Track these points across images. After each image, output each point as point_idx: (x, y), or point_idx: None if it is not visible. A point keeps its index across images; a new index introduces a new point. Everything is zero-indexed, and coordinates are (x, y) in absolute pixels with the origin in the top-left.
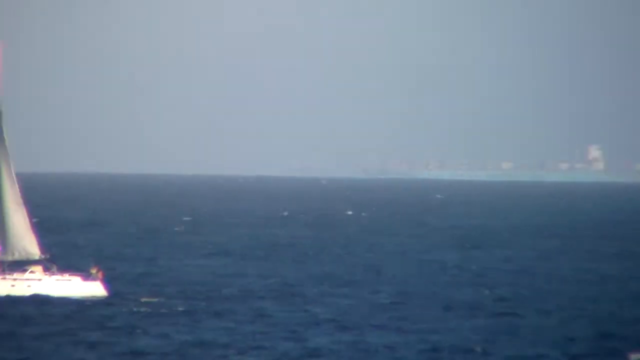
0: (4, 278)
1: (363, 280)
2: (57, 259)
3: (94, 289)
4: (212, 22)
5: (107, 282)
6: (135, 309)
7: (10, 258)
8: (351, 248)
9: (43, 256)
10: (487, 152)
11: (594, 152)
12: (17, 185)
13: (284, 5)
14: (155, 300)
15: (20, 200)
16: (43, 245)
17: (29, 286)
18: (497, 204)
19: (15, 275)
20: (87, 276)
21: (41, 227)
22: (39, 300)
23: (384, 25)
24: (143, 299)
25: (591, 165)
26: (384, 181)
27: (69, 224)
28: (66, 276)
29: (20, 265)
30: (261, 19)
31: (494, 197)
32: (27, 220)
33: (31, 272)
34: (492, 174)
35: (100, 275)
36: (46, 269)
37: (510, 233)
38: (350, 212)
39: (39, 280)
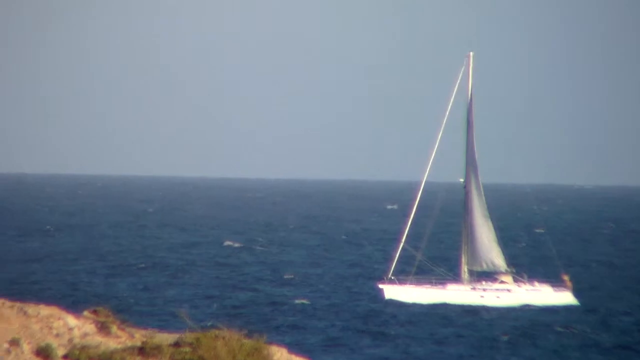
0: (474, 288)
1: None
2: (524, 269)
3: (565, 298)
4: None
5: (575, 291)
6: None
7: (478, 268)
8: None
9: (509, 269)
10: None
11: None
12: (484, 198)
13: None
14: None
15: (487, 213)
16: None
17: (497, 297)
18: None
19: (485, 285)
20: (558, 285)
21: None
22: (507, 311)
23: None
24: None
25: None
26: None
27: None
28: (536, 285)
29: (489, 276)
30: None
31: None
32: (493, 232)
33: (501, 282)
34: None
35: (570, 284)
36: (516, 280)
37: None
38: None
39: (509, 290)
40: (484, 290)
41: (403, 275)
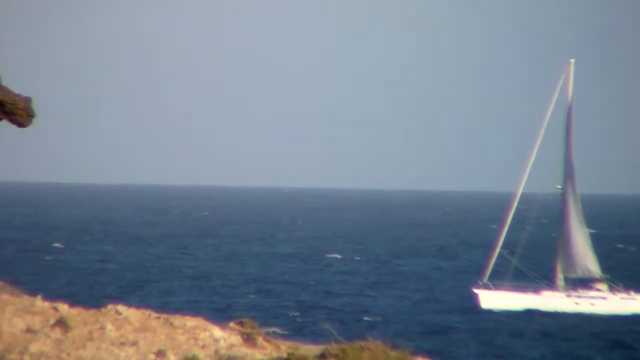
0: (569, 295)
1: None
2: (620, 278)
3: None
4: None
5: None
6: None
7: (573, 275)
8: None
9: (604, 275)
10: None
11: None
12: (580, 205)
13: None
14: None
15: (583, 219)
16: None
17: (592, 304)
18: None
19: (580, 292)
20: None
21: None
22: (601, 319)
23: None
24: None
25: None
26: None
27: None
28: (632, 294)
29: (585, 284)
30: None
31: None
32: (588, 239)
33: (597, 289)
34: None
35: None
36: (612, 287)
37: None
38: None
39: (604, 298)
40: (579, 297)
41: (498, 280)
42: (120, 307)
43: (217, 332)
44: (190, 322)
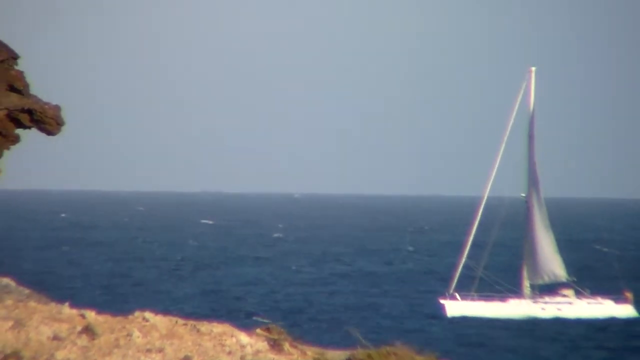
0: (535, 302)
1: None
2: (587, 283)
3: (626, 312)
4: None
5: (636, 305)
6: None
7: (539, 282)
8: None
9: (570, 278)
10: None
11: None
12: (545, 210)
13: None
14: None
15: (548, 224)
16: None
17: (559, 310)
18: None
19: (546, 298)
20: (619, 299)
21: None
22: (568, 324)
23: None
24: None
25: None
26: None
27: None
28: (598, 299)
29: (551, 290)
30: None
31: None
32: (554, 243)
33: (563, 295)
34: None
35: (631, 298)
36: (578, 293)
37: None
38: None
39: (570, 304)
40: (546, 303)
41: (464, 290)
42: (147, 314)
43: (243, 338)
44: (217, 328)
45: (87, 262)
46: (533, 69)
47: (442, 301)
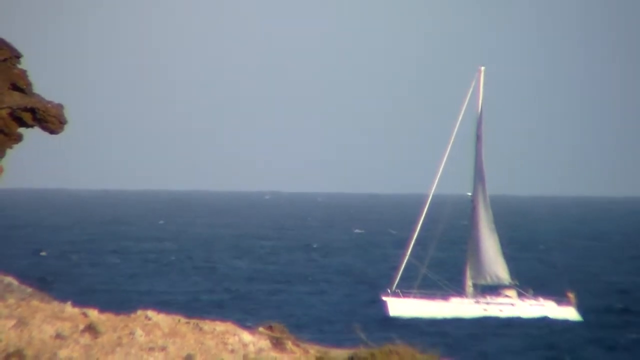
0: (478, 302)
1: None
2: (531, 282)
3: (569, 313)
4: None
5: (579, 307)
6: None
7: (482, 282)
8: None
9: (513, 282)
10: None
11: None
12: (490, 211)
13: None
14: None
15: (493, 225)
16: (511, 270)
17: (501, 310)
18: None
19: (489, 299)
20: (561, 301)
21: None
22: (509, 325)
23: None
24: None
25: None
26: None
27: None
28: (540, 300)
29: (494, 290)
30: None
31: None
32: (498, 245)
33: (505, 296)
34: None
35: (574, 299)
36: (520, 294)
37: None
38: None
39: (512, 305)
40: (488, 303)
41: (407, 288)
42: (150, 313)
43: (246, 336)
44: (220, 326)
45: (89, 261)
46: (482, 68)
47: (384, 298)
